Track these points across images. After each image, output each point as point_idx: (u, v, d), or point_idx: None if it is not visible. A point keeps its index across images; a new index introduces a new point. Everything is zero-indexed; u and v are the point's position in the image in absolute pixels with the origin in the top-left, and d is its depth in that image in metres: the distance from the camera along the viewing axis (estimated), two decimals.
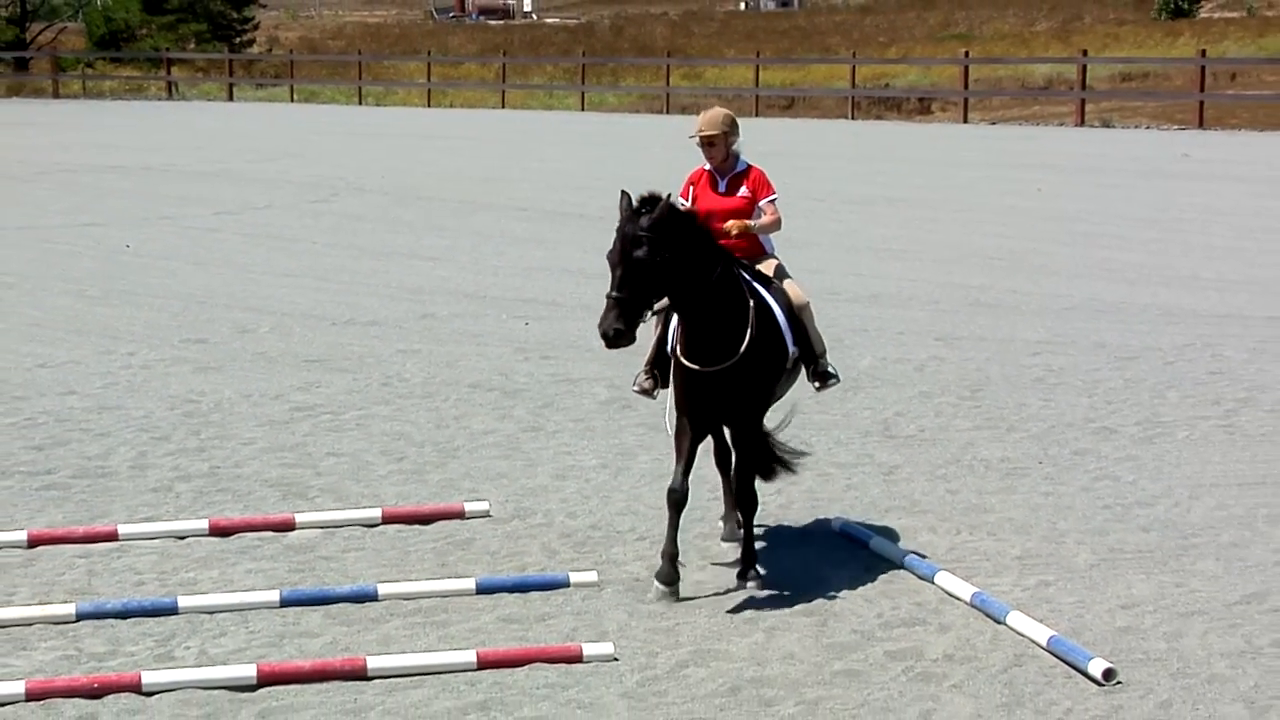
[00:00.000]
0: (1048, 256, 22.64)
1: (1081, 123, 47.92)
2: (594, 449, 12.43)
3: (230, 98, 67.10)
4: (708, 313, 9.26)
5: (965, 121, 50.30)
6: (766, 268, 9.92)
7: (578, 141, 43.62)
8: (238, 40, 77.65)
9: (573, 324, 17.36)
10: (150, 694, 7.98)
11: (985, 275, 21.09)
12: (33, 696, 7.90)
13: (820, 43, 67.93)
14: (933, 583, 9.55)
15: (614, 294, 8.93)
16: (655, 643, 8.71)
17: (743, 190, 9.89)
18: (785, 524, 10.73)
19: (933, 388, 14.80)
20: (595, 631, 8.89)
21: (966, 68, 51.65)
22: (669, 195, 9.18)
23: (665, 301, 9.22)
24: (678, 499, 9.46)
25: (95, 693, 7.96)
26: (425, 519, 10.82)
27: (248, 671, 8.14)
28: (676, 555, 9.45)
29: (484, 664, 8.32)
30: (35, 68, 74.93)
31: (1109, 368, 15.58)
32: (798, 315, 9.79)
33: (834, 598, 9.36)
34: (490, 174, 34.75)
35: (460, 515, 10.92)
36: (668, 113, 55.14)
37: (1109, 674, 8.11)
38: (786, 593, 9.43)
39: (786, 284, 9.87)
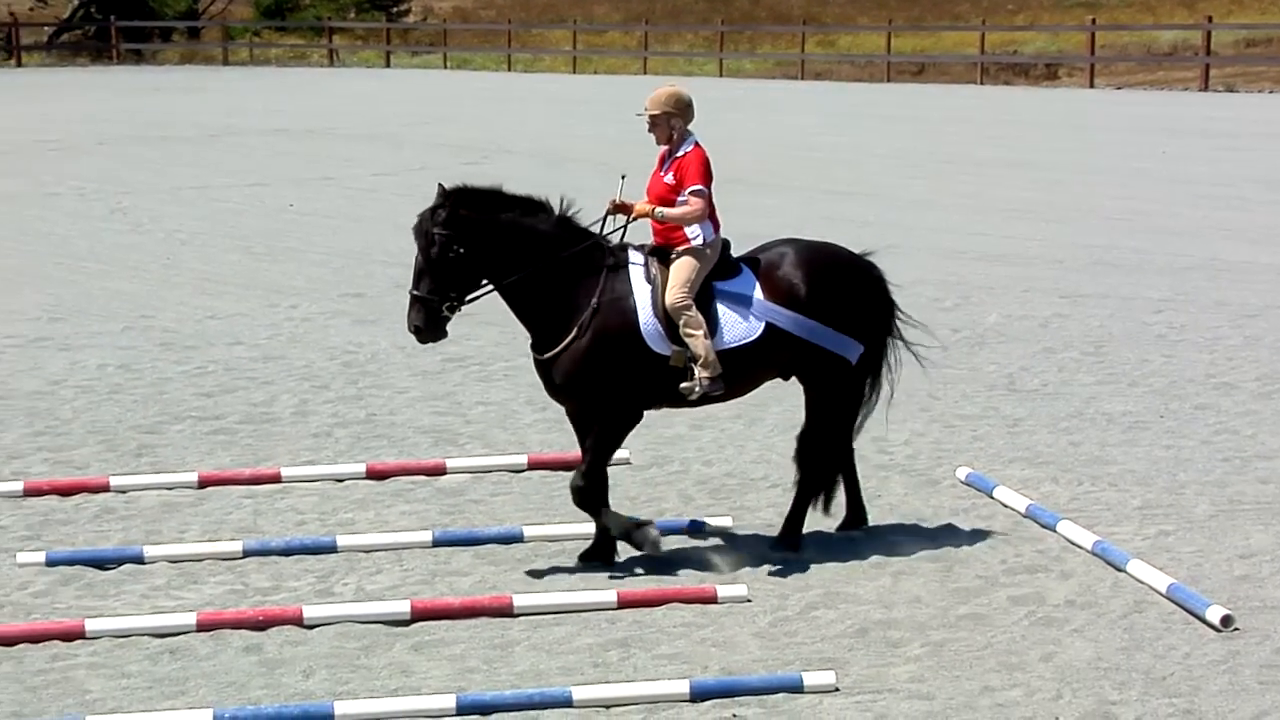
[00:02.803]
0: (1171, 217, 22.46)
1: (1206, 88, 47.24)
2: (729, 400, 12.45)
3: (387, 65, 67.17)
4: (530, 303, 9.12)
5: (1091, 87, 49.68)
6: (676, 256, 9.19)
7: (714, 107, 43.55)
8: (395, 10, 77.82)
9: None
10: (311, 627, 8.28)
11: (1109, 235, 20.97)
12: (203, 627, 8.23)
13: (950, 10, 67.16)
14: (1055, 531, 9.65)
15: (412, 291, 8.94)
16: (786, 585, 8.88)
17: (669, 177, 9.26)
18: (913, 473, 10.84)
19: (1056, 343, 14.87)
20: (729, 574, 9.08)
21: (1093, 34, 51.02)
22: (456, 188, 8.90)
23: (488, 289, 9.11)
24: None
25: (260, 624, 8.28)
26: (568, 465, 10.93)
27: (402, 607, 8.42)
28: (608, 529, 9.20)
29: (624, 603, 8.52)
30: (206, 36, 75.57)
31: (1229, 325, 15.55)
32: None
33: (959, 544, 9.49)
34: (631, 138, 34.69)
35: None
36: (803, 79, 55.04)
37: (1227, 620, 8.20)
38: (913, 539, 9.57)
39: (673, 276, 9.08)
